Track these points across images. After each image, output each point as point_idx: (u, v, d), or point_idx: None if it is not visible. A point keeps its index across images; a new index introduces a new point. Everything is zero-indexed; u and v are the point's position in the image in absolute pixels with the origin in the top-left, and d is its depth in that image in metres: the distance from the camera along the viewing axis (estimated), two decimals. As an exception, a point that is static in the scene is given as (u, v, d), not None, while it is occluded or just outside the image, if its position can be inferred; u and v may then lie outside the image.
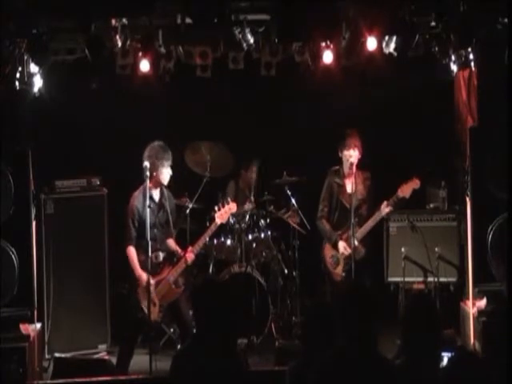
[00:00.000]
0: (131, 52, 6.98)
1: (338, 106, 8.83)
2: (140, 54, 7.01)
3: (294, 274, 8.65)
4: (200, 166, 8.71)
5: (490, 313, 6.69)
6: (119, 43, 6.87)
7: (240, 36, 6.92)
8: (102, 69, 7.12)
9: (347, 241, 7.57)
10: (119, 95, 8.55)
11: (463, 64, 7.22)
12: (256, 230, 8.70)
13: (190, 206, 8.44)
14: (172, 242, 7.32)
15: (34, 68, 6.97)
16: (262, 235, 8.69)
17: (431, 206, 8.35)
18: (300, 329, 7.77)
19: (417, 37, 6.87)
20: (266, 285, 8.38)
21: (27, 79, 6.94)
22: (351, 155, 7.57)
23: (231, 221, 8.38)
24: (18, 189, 6.74)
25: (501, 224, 6.70)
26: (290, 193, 8.66)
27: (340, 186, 7.74)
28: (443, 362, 4.01)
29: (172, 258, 7.23)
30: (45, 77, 7.18)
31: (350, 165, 7.55)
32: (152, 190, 7.07)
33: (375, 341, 4.01)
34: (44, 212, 7.91)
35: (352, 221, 7.44)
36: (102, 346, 8.14)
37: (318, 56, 7.23)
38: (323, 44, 7.13)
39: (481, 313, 6.85)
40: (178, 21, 6.84)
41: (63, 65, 7.12)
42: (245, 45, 7.01)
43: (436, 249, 7.87)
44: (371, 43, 6.91)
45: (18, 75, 6.78)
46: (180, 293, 7.17)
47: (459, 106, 7.71)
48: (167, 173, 7.13)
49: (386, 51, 7.09)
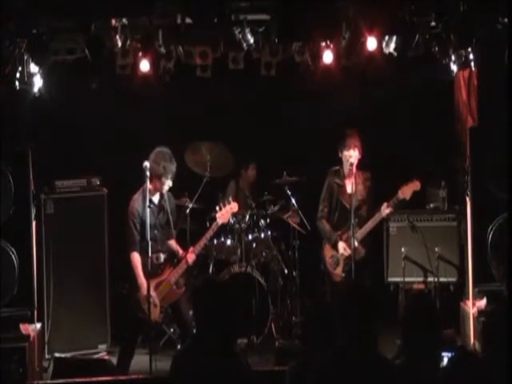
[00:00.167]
0: (131, 52, 6.98)
1: (338, 106, 8.83)
2: (140, 54, 7.01)
3: (294, 274, 8.65)
4: (200, 166, 8.71)
5: (490, 313, 6.69)
6: (119, 43, 6.87)
7: (240, 36, 6.92)
8: (102, 69, 7.12)
9: (347, 241, 7.56)
10: (119, 95, 8.55)
11: (463, 64, 7.22)
12: (256, 230, 8.70)
13: (190, 206, 8.45)
14: (173, 243, 7.30)
15: (34, 68, 6.97)
16: (262, 235, 8.69)
17: (431, 205, 8.35)
18: (300, 329, 7.77)
19: (417, 37, 6.87)
20: (265, 285, 8.38)
21: (27, 79, 6.94)
22: (351, 155, 7.55)
23: (231, 221, 8.37)
24: (18, 189, 6.74)
25: (501, 224, 6.70)
26: (290, 193, 8.67)
27: (340, 187, 7.72)
28: (443, 362, 4.01)
29: (173, 259, 7.22)
30: (45, 77, 7.18)
31: (350, 165, 7.53)
32: (151, 193, 7.04)
33: (375, 341, 4.01)
34: (44, 212, 7.91)
35: (352, 221, 7.43)
36: (101, 346, 8.14)
37: (318, 56, 7.23)
38: (323, 44, 7.13)
39: (481, 313, 6.85)
40: (178, 21, 6.84)
41: (63, 65, 7.12)
42: (245, 45, 7.01)
43: (436, 249, 7.87)
44: (371, 43, 6.91)
45: (18, 75, 6.78)
46: (181, 293, 7.16)
47: (459, 106, 7.71)
48: (168, 184, 7.09)
49: (386, 51, 7.09)
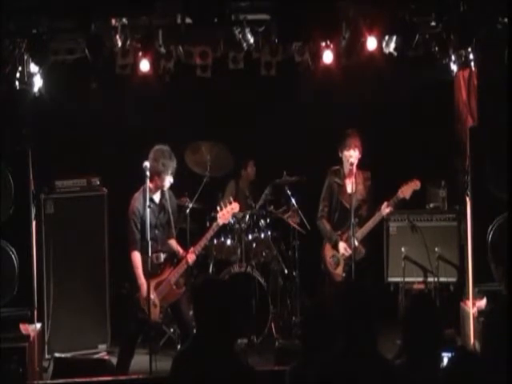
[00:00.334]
0: (131, 52, 6.98)
1: (338, 106, 8.84)
2: (140, 53, 7.01)
3: (294, 273, 8.65)
4: (200, 166, 8.71)
5: (489, 313, 6.68)
6: (119, 43, 6.87)
7: (240, 36, 6.92)
8: (102, 69, 7.12)
9: (347, 241, 7.55)
10: (119, 95, 8.55)
11: (463, 64, 7.23)
12: (256, 230, 8.70)
13: (190, 205, 8.44)
14: (174, 243, 7.28)
15: (34, 68, 6.97)
16: (262, 235, 8.68)
17: (431, 205, 8.35)
18: (300, 329, 7.75)
19: (417, 37, 6.86)
20: (265, 285, 8.38)
21: (27, 79, 6.94)
22: (351, 155, 7.54)
23: (231, 221, 8.36)
24: (18, 189, 6.74)
25: (501, 224, 6.70)
26: (290, 193, 8.66)
27: (340, 186, 7.72)
28: (443, 362, 4.01)
29: (173, 259, 7.21)
30: (45, 77, 7.18)
31: (350, 165, 7.52)
32: (152, 191, 7.04)
33: (375, 341, 4.01)
34: (44, 212, 7.91)
35: (352, 221, 7.43)
36: (102, 346, 8.14)
37: (317, 56, 7.22)
38: (323, 44, 7.13)
39: (481, 313, 6.85)
40: (178, 21, 6.85)
41: (63, 65, 7.11)
42: (245, 45, 7.01)
43: (436, 249, 7.88)
44: (371, 43, 6.91)
45: (18, 75, 6.79)
46: (181, 293, 7.15)
47: (459, 106, 7.71)
48: (169, 180, 7.07)
49: (386, 51, 7.09)
